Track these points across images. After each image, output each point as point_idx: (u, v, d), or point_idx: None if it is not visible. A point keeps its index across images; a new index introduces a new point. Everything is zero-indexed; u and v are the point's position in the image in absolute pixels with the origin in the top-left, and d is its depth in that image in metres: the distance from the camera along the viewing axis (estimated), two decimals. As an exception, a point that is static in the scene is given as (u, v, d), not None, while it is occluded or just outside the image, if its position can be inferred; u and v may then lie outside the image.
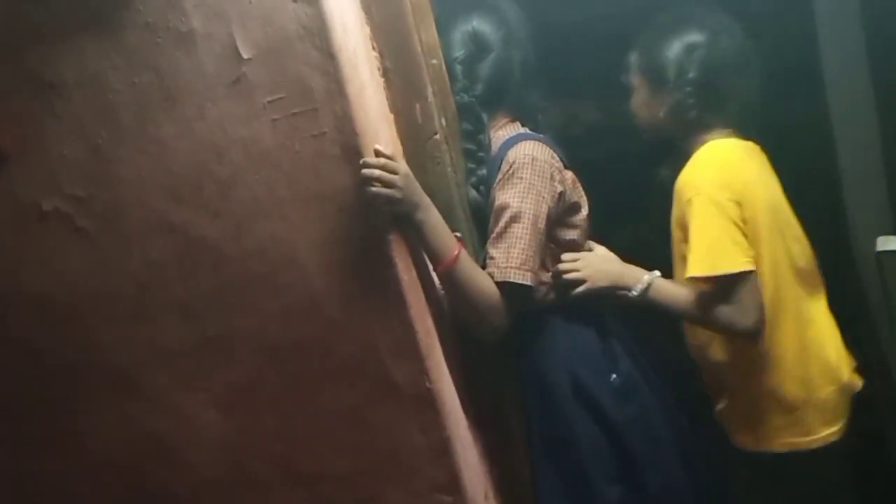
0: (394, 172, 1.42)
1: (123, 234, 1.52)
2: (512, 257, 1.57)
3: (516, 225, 1.58)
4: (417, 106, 1.56)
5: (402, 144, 1.57)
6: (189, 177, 1.47)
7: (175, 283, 1.52)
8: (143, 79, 1.45)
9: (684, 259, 1.72)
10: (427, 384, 1.49)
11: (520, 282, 1.57)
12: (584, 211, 1.75)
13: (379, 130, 1.48)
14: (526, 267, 1.58)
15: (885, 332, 2.10)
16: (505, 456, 1.74)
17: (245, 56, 1.40)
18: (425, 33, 1.57)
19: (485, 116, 1.70)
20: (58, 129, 1.50)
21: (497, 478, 1.72)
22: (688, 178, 1.72)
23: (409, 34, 1.53)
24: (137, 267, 1.53)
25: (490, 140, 1.71)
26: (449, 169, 1.60)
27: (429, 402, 1.50)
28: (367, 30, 1.53)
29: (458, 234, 1.57)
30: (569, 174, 1.72)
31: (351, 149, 1.41)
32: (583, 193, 1.76)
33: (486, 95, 1.70)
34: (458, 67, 1.68)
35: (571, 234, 1.73)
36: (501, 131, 1.72)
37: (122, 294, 1.54)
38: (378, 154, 1.43)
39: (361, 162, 1.40)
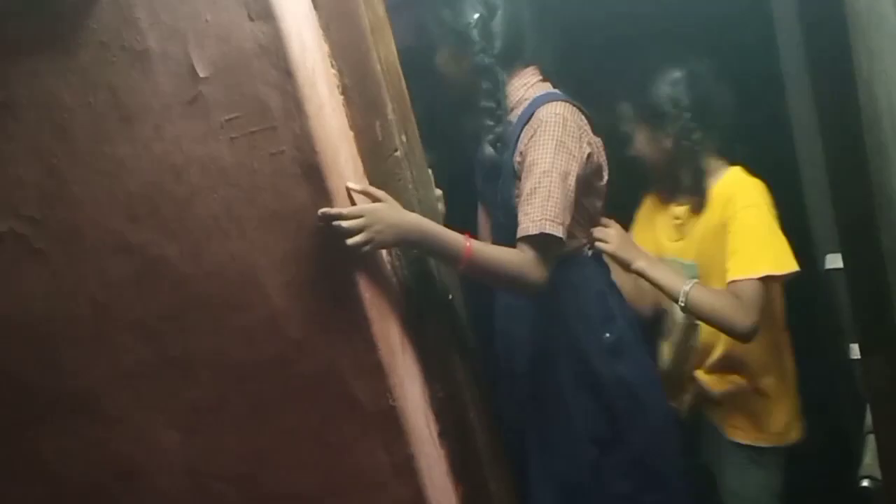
0: (358, 216, 1.41)
1: (81, 255, 1.49)
2: (547, 210, 1.62)
3: (547, 179, 1.63)
4: (377, 123, 1.56)
5: (363, 162, 1.57)
6: (146, 196, 1.45)
7: (134, 303, 1.50)
8: (98, 98, 1.42)
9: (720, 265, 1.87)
10: (390, 402, 1.48)
11: (554, 233, 1.62)
12: (606, 177, 1.82)
13: (338, 148, 1.48)
14: (558, 220, 1.63)
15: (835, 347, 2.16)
16: (471, 472, 1.73)
17: (202, 75, 1.39)
18: (384, 51, 1.57)
19: (503, 75, 1.76)
20: (12, 150, 1.47)
21: (463, 495, 1.71)
22: (735, 193, 1.89)
23: (368, 52, 1.52)
24: (95, 288, 1.50)
25: (516, 97, 1.78)
26: (410, 186, 1.60)
27: (392, 420, 1.49)
28: (326, 47, 1.52)
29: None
30: (596, 138, 1.78)
31: (310, 167, 1.40)
32: (606, 160, 1.82)
33: (504, 51, 1.76)
34: (474, 31, 1.74)
35: (596, 202, 1.80)
36: (532, 89, 1.78)
37: (80, 315, 1.52)
38: (348, 191, 1.45)
39: (320, 213, 1.39)
